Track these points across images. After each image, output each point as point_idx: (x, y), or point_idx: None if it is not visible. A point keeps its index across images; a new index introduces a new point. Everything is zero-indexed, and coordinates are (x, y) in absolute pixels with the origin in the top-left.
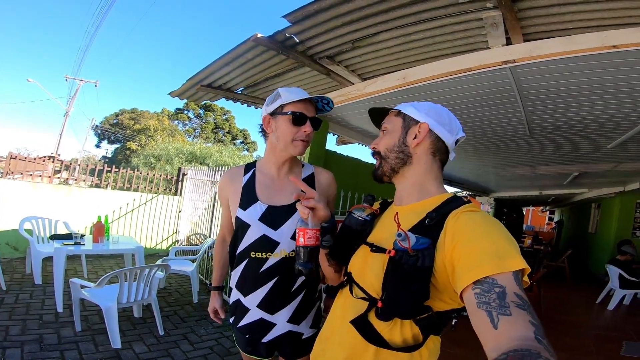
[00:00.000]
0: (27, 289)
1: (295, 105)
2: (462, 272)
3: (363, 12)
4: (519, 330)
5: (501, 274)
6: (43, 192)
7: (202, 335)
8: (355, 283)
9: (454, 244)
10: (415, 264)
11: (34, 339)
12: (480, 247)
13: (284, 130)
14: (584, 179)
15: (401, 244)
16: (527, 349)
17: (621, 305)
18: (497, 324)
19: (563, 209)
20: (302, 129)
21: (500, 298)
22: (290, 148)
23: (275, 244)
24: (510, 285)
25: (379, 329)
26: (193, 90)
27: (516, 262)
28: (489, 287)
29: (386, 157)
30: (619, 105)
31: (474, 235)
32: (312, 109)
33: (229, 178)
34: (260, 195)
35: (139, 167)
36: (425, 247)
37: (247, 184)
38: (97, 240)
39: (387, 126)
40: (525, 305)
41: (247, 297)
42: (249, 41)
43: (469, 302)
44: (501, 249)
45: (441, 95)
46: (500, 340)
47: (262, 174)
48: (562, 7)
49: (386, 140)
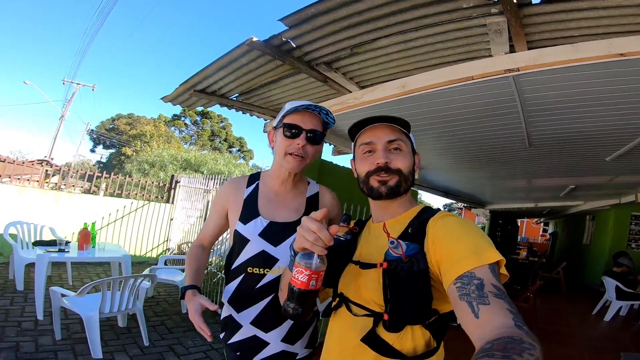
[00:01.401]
0: (8, 295)
1: (291, 117)
2: (446, 270)
3: (362, 17)
4: (499, 318)
5: (479, 267)
6: (30, 197)
7: (189, 347)
8: (351, 302)
9: (436, 246)
10: (412, 269)
11: (10, 346)
12: (460, 245)
13: (279, 144)
14: (580, 192)
15: (394, 251)
16: (510, 336)
17: (617, 316)
18: (478, 313)
19: (557, 220)
20: (295, 142)
21: (479, 289)
22: (284, 162)
23: (274, 261)
24: (488, 277)
25: (389, 341)
26: (186, 95)
27: (492, 255)
28: (469, 280)
29: (408, 177)
30: (622, 117)
31: (452, 236)
32: (313, 122)
33: (232, 187)
34: (262, 210)
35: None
36: (417, 252)
37: (249, 197)
38: (83, 247)
39: (403, 145)
40: (502, 295)
41: (240, 313)
42: (244, 45)
43: (452, 297)
44: (478, 245)
45: (441, 104)
46: (484, 329)
47: (266, 188)
48: (569, 13)
49: (405, 159)
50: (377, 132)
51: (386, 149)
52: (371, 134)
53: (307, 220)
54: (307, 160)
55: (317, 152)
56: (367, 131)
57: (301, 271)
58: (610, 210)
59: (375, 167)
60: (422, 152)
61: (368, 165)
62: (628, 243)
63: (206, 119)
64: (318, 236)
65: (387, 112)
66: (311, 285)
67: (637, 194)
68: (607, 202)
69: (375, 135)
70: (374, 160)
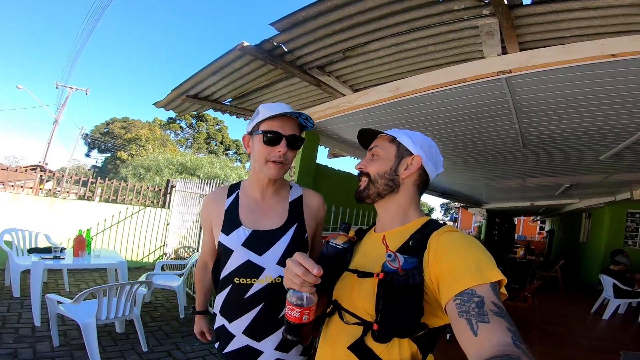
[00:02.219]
0: (4, 302)
1: (269, 123)
2: (446, 286)
3: (354, 20)
4: (498, 336)
5: (480, 285)
6: (23, 204)
7: (187, 352)
8: (344, 310)
9: (437, 261)
10: (407, 282)
11: (8, 353)
12: (462, 262)
13: (258, 151)
14: (575, 190)
15: (391, 264)
16: (507, 354)
17: (616, 315)
18: (477, 331)
19: (554, 218)
20: (276, 149)
21: (479, 307)
22: (265, 169)
23: (260, 270)
24: (488, 295)
25: (376, 351)
26: (178, 101)
27: (494, 274)
28: (469, 297)
29: (375, 181)
30: (615, 116)
31: (455, 252)
32: (292, 126)
33: (212, 201)
34: (243, 220)
35: (128, 178)
36: (415, 266)
37: (230, 208)
38: (78, 254)
39: (380, 151)
40: (502, 313)
41: (232, 323)
42: (235, 50)
43: (451, 313)
44: (480, 263)
45: (435, 107)
46: (481, 347)
47: (246, 197)
48: (560, 14)
49: (378, 165)
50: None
51: (369, 156)
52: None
53: (292, 264)
54: (287, 166)
55: (295, 155)
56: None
57: (293, 308)
58: (606, 207)
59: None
60: None
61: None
62: (625, 240)
63: (202, 122)
64: (304, 280)
65: (381, 115)
66: (304, 320)
67: (632, 191)
68: (602, 200)
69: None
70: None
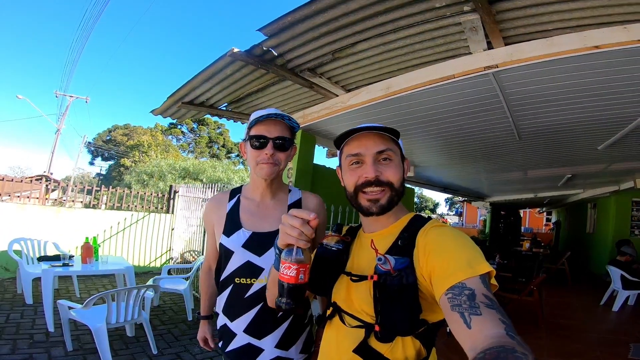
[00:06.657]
0: (18, 309)
1: (257, 128)
2: (437, 281)
3: (339, 22)
4: (491, 328)
5: (469, 279)
6: (30, 214)
7: (196, 354)
8: (344, 312)
9: (427, 258)
10: (400, 282)
11: (23, 358)
12: (452, 257)
13: (249, 155)
14: (577, 180)
15: (383, 267)
16: (502, 346)
17: (625, 306)
18: (470, 324)
19: (559, 209)
20: (263, 152)
21: (470, 299)
22: (257, 171)
23: (259, 270)
24: (479, 287)
25: (381, 351)
26: (175, 108)
27: (482, 267)
28: (460, 290)
29: (399, 190)
30: (606, 107)
31: (443, 247)
32: (279, 129)
33: (214, 205)
34: (244, 222)
35: (132, 185)
36: (406, 266)
37: (231, 210)
38: (86, 261)
39: (393, 155)
40: (493, 305)
41: (233, 322)
42: (226, 56)
43: (444, 307)
44: (469, 256)
45: (427, 104)
46: (476, 340)
47: (247, 200)
48: (540, 7)
49: (395, 171)
50: (366, 142)
51: (376, 160)
52: (359, 144)
53: (288, 218)
54: (280, 166)
55: (289, 156)
56: (354, 140)
57: (289, 266)
58: (611, 197)
59: (364, 181)
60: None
61: (356, 177)
62: (631, 230)
63: (203, 126)
64: (301, 231)
65: (374, 114)
66: (300, 279)
67: (635, 179)
68: (607, 189)
69: (363, 145)
70: (362, 174)
